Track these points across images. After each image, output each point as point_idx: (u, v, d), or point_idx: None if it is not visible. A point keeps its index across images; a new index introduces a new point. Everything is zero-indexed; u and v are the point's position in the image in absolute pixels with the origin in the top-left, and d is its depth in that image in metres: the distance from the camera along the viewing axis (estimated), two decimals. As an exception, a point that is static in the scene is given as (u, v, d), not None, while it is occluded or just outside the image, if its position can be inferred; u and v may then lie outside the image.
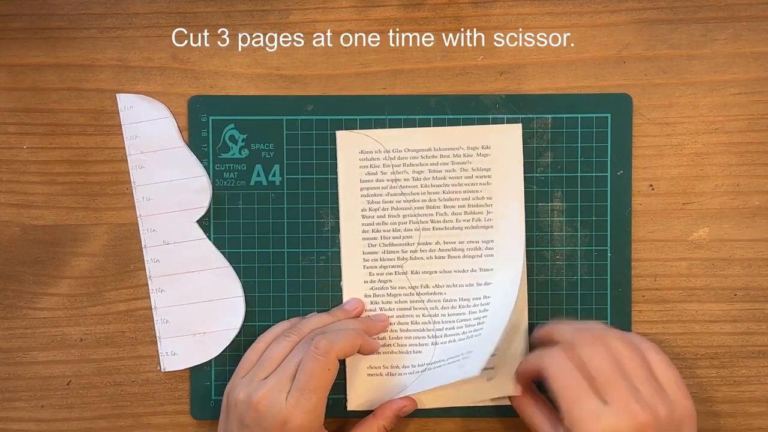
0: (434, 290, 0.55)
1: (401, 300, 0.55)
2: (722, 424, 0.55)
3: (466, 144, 0.54)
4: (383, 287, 0.55)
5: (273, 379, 0.48)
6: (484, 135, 0.54)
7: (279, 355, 0.49)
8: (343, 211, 0.55)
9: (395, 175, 0.54)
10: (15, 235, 0.55)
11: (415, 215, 0.54)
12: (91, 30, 0.55)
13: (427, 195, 0.54)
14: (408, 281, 0.55)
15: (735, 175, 0.54)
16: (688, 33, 0.54)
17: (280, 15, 0.55)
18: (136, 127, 0.55)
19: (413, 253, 0.54)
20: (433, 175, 0.54)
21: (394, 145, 0.54)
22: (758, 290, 0.54)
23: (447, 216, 0.54)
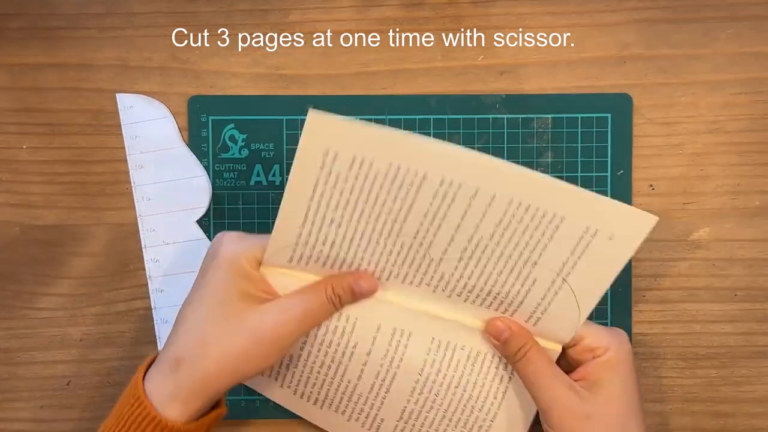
0: (473, 245, 0.47)
1: (464, 273, 0.48)
2: (723, 424, 0.55)
3: (317, 169, 0.44)
4: (441, 279, 0.49)
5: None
6: (312, 151, 0.44)
7: None
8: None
9: (324, 244, 0.47)
10: (14, 235, 0.55)
11: (378, 232, 0.47)
12: (91, 30, 0.55)
13: (360, 218, 0.46)
14: (452, 259, 0.48)
15: (735, 175, 0.54)
16: (689, 33, 0.54)
17: (280, 15, 0.55)
18: (136, 127, 0.55)
19: (420, 245, 0.47)
20: (343, 207, 0.46)
21: (291, 235, 0.46)
22: (759, 290, 0.54)
23: (392, 206, 0.46)
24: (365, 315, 0.48)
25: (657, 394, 0.55)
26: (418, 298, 0.49)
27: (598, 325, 0.48)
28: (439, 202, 0.45)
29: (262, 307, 0.45)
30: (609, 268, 0.46)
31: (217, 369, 0.44)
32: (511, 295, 0.48)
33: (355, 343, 0.49)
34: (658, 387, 0.55)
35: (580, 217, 0.45)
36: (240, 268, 0.45)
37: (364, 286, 0.47)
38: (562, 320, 0.48)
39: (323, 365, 0.49)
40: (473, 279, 0.48)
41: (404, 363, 0.49)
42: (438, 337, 0.49)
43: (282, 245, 0.46)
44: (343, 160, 0.44)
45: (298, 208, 0.45)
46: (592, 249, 0.46)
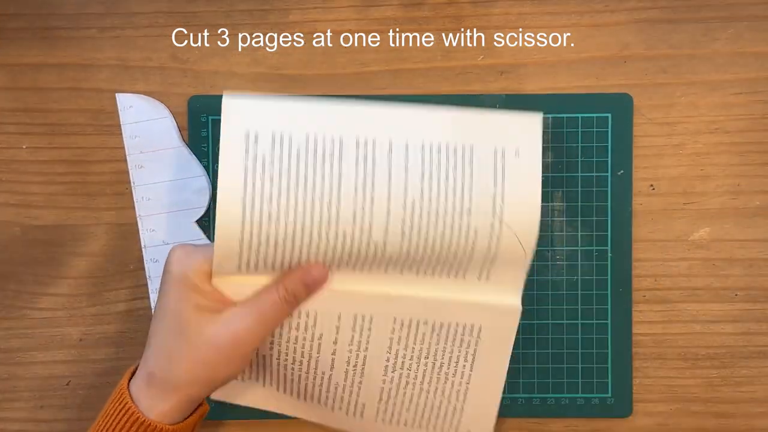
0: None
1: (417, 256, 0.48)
2: (723, 425, 0.55)
3: (241, 187, 0.45)
4: (400, 252, 0.48)
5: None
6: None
7: None
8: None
9: (265, 245, 0.46)
10: (14, 235, 0.55)
11: (317, 222, 0.46)
12: (91, 30, 0.55)
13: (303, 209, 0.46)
14: (400, 229, 0.48)
15: (736, 175, 0.54)
16: (689, 33, 0.54)
17: (279, 15, 0.55)
18: (136, 126, 0.55)
19: (363, 220, 0.47)
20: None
21: (233, 240, 0.46)
22: (759, 290, 0.54)
23: (327, 188, 0.46)
24: (323, 307, 0.48)
25: (657, 394, 0.55)
26: (372, 282, 0.49)
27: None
28: (363, 168, 0.45)
29: (217, 318, 0.46)
30: (531, 188, 0.47)
31: (186, 380, 0.45)
32: (459, 255, 0.48)
33: (320, 335, 0.49)
34: (658, 387, 0.55)
35: (485, 139, 0.46)
36: (189, 284, 0.46)
37: (315, 274, 0.47)
38: (511, 265, 0.48)
39: (295, 361, 0.50)
40: (420, 249, 0.48)
41: (371, 346, 0.49)
42: (399, 317, 0.49)
43: (226, 255, 0.46)
44: (265, 140, 0.44)
45: (234, 209, 0.45)
46: (509, 173, 0.47)
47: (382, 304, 0.49)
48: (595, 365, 0.55)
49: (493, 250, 0.48)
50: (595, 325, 0.54)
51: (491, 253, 0.48)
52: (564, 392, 0.55)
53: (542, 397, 0.55)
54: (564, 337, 0.55)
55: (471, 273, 0.49)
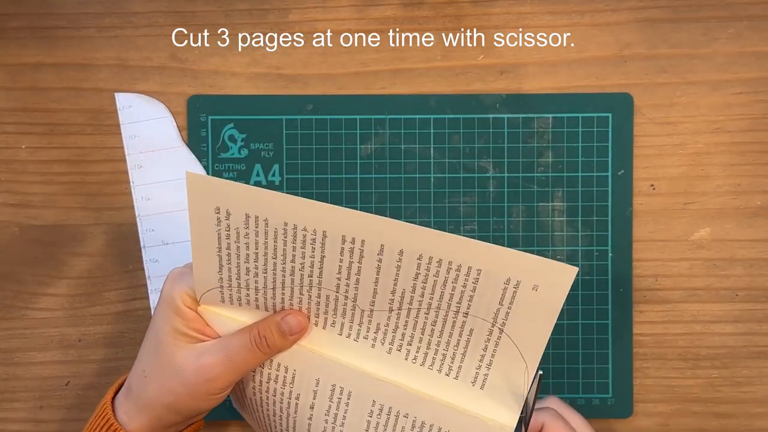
0: (394, 296, 0.45)
1: (402, 323, 0.46)
2: (724, 425, 0.55)
3: (213, 208, 0.43)
4: (385, 332, 0.47)
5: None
6: (205, 197, 0.43)
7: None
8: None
9: (246, 288, 0.46)
10: (14, 235, 0.55)
11: (299, 285, 0.45)
12: (90, 29, 0.55)
13: (275, 267, 0.45)
14: (382, 310, 0.46)
15: (736, 174, 0.54)
16: (689, 32, 0.54)
17: (279, 14, 0.55)
18: (135, 126, 0.54)
19: (346, 297, 0.46)
20: (261, 250, 0.44)
21: (211, 277, 0.45)
22: (760, 290, 0.54)
23: (305, 261, 0.44)
24: (303, 367, 0.47)
25: (658, 395, 0.55)
26: (358, 355, 0.47)
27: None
28: (349, 258, 0.43)
29: (190, 347, 0.45)
30: (543, 320, 0.44)
31: (154, 402, 0.45)
32: (452, 347, 0.46)
33: (297, 395, 0.47)
34: (658, 387, 0.55)
35: (497, 269, 0.43)
36: (174, 307, 0.46)
37: (292, 323, 0.46)
38: (509, 377, 0.46)
39: (275, 414, 0.48)
40: (409, 329, 0.46)
41: (348, 422, 0.47)
42: (379, 401, 0.47)
43: (208, 285, 0.45)
44: (237, 217, 0.43)
45: (210, 255, 0.44)
46: (521, 300, 0.44)
47: (362, 382, 0.46)
48: (596, 365, 0.55)
49: (489, 353, 0.45)
50: (596, 326, 0.54)
51: (487, 356, 0.46)
52: (564, 392, 0.55)
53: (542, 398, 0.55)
54: (564, 338, 0.55)
55: (465, 374, 0.46)
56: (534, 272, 0.43)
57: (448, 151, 0.54)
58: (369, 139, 0.54)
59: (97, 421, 0.46)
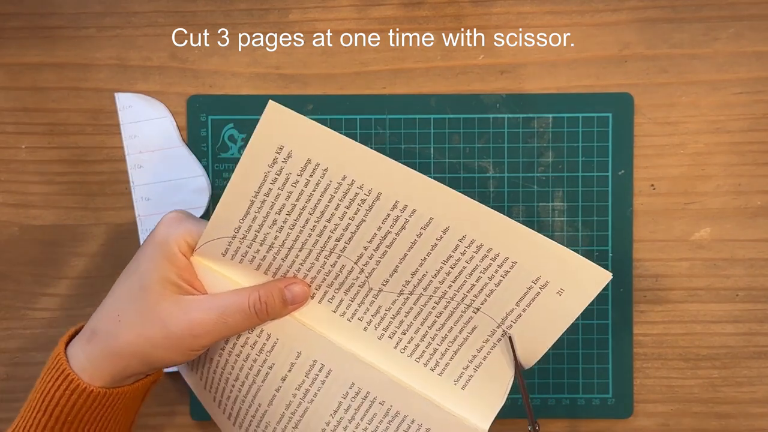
0: (417, 278, 0.45)
1: (406, 310, 0.46)
2: (724, 425, 0.55)
3: (265, 165, 0.43)
4: (382, 317, 0.47)
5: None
6: (264, 145, 0.42)
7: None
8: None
9: (264, 244, 0.44)
10: (13, 235, 0.55)
11: (320, 251, 0.45)
12: (90, 29, 0.55)
13: (305, 229, 0.44)
14: (391, 292, 0.46)
15: (737, 174, 0.54)
16: (690, 32, 0.54)
17: (279, 14, 0.55)
18: (135, 126, 0.54)
19: (361, 272, 0.46)
20: (284, 213, 0.44)
21: (231, 225, 0.44)
22: (760, 290, 0.54)
23: (340, 225, 0.44)
24: (287, 337, 0.46)
25: (658, 395, 0.55)
26: (347, 335, 0.46)
27: None
28: (389, 227, 0.43)
29: (178, 300, 0.43)
30: (553, 327, 0.45)
31: (125, 350, 0.43)
32: (446, 343, 0.46)
33: (271, 365, 0.46)
34: (659, 387, 0.55)
35: (534, 264, 0.43)
36: (168, 252, 0.43)
37: (296, 290, 0.45)
38: (492, 384, 0.46)
39: (237, 379, 0.47)
40: (409, 317, 0.46)
41: (318, 400, 0.47)
42: (358, 384, 0.46)
43: (218, 235, 0.44)
44: (297, 161, 0.42)
45: (241, 200, 0.43)
46: (540, 303, 0.44)
47: (346, 363, 0.46)
48: (596, 366, 0.54)
49: (482, 356, 0.46)
50: (596, 326, 0.54)
51: (479, 358, 0.46)
52: (564, 393, 0.55)
53: (543, 398, 0.55)
54: (564, 338, 0.54)
55: (450, 372, 0.47)
56: (567, 272, 0.43)
57: (448, 151, 0.54)
58: (369, 139, 0.54)
59: (51, 374, 0.44)
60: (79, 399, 0.43)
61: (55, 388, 0.43)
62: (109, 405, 0.44)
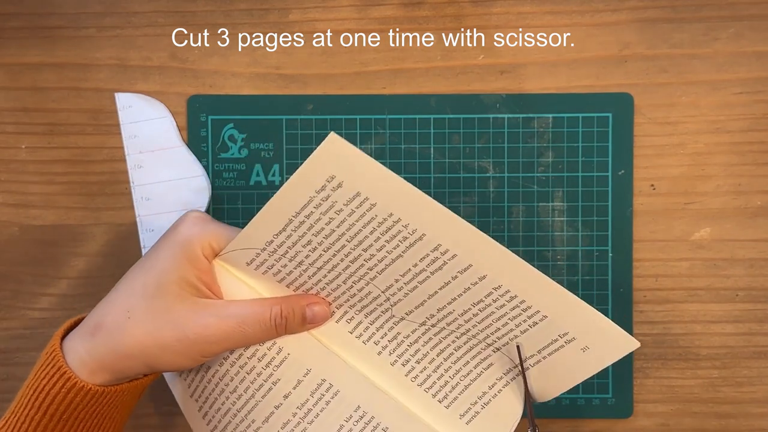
0: (442, 314, 0.45)
1: (425, 340, 0.46)
2: (724, 425, 0.55)
3: (312, 190, 0.42)
4: (398, 344, 0.47)
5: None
6: (315, 171, 0.42)
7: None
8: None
9: (295, 260, 0.44)
10: (13, 235, 0.55)
11: (350, 275, 0.45)
12: (90, 29, 0.55)
13: (338, 254, 0.44)
14: (413, 322, 0.46)
15: (737, 174, 0.54)
16: (690, 32, 0.54)
17: (279, 14, 0.55)
18: (135, 126, 0.54)
19: (387, 300, 0.46)
20: (321, 236, 0.43)
21: (263, 239, 0.44)
22: (760, 290, 0.54)
23: (374, 257, 0.44)
24: (299, 353, 0.45)
25: (658, 395, 0.55)
26: (360, 357, 0.46)
27: None
28: (425, 266, 0.43)
29: (195, 303, 0.42)
30: (570, 376, 0.45)
31: (131, 349, 0.42)
32: (458, 376, 0.46)
33: (276, 380, 0.45)
34: (659, 388, 0.55)
35: (563, 320, 0.44)
36: (191, 252, 0.42)
37: (317, 311, 0.44)
38: (498, 424, 0.46)
39: (235, 392, 0.46)
40: (426, 347, 0.46)
41: (319, 421, 0.46)
42: (364, 407, 0.46)
43: (249, 245, 0.43)
44: (345, 192, 0.42)
45: (279, 217, 0.43)
46: (562, 354, 0.45)
47: (356, 384, 0.46)
48: (596, 366, 0.54)
49: (492, 393, 0.46)
50: (596, 326, 0.54)
51: (488, 395, 0.46)
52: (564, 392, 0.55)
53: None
54: (564, 338, 0.54)
55: (458, 406, 0.47)
56: (595, 333, 0.44)
57: (448, 151, 0.54)
58: (369, 139, 0.54)
59: (46, 370, 0.42)
60: (76, 397, 0.42)
61: (50, 385, 0.42)
62: (107, 403, 0.43)
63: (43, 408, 0.42)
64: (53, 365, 0.42)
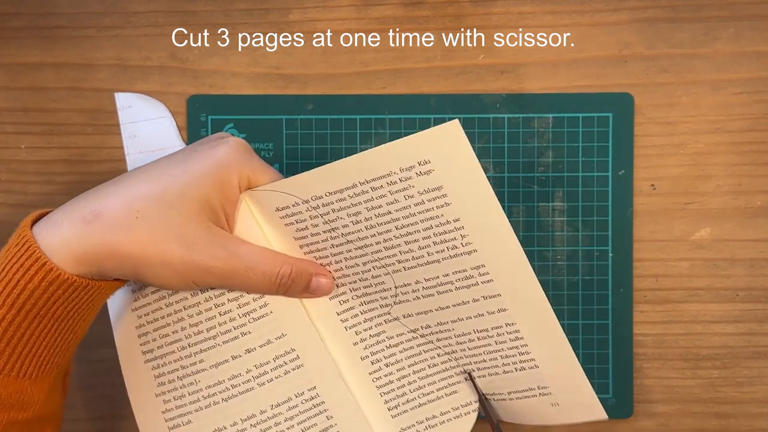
0: (439, 328, 0.45)
1: (406, 347, 0.47)
2: (724, 425, 0.55)
3: (398, 166, 0.40)
4: (378, 341, 0.47)
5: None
6: (415, 148, 0.40)
7: None
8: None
9: (329, 224, 0.42)
10: (13, 236, 0.55)
11: (375, 260, 0.44)
12: (90, 29, 0.55)
13: (378, 236, 0.43)
14: (404, 326, 0.46)
15: (737, 174, 0.54)
16: (690, 32, 0.54)
17: (279, 14, 0.55)
18: (135, 126, 0.54)
19: (395, 297, 0.45)
20: (373, 213, 0.42)
21: (311, 191, 0.42)
22: (760, 290, 0.54)
23: (414, 252, 0.43)
24: (281, 315, 0.44)
25: (658, 395, 0.55)
26: (335, 340, 0.45)
27: None
28: (455, 279, 0.43)
29: (209, 228, 0.40)
30: (524, 418, 0.46)
31: (130, 250, 0.38)
32: (417, 393, 0.46)
33: (246, 332, 0.44)
34: (659, 388, 0.55)
35: (551, 376, 0.45)
36: (226, 177, 0.40)
37: (322, 284, 0.43)
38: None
39: (196, 326, 0.44)
40: (402, 354, 0.46)
41: (268, 387, 0.45)
42: (318, 389, 0.45)
43: (294, 191, 0.42)
44: (428, 182, 0.40)
45: (346, 178, 0.41)
46: (529, 401, 0.45)
47: (321, 365, 0.45)
48: (596, 366, 0.54)
49: (440, 419, 0.46)
50: (596, 326, 0.54)
51: (437, 420, 0.46)
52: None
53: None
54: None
55: (403, 419, 0.47)
56: (573, 395, 0.45)
57: (448, 151, 0.54)
58: (369, 139, 0.54)
59: (18, 260, 0.37)
60: (57, 290, 0.38)
61: (27, 279, 0.37)
62: (86, 299, 0.39)
63: (18, 305, 0.37)
64: (28, 256, 0.37)
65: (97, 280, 0.39)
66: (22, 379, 0.39)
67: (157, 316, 0.46)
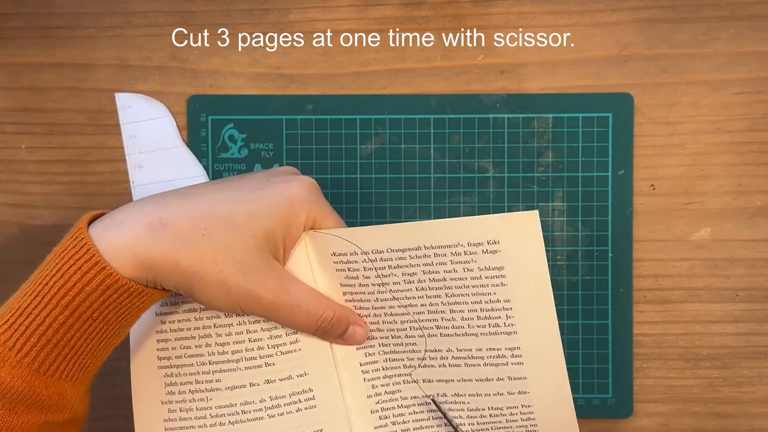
0: (454, 399, 0.46)
1: (416, 411, 0.47)
2: (724, 425, 0.55)
3: (467, 240, 0.42)
4: (392, 399, 0.47)
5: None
6: (488, 227, 0.42)
7: None
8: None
9: (381, 278, 0.43)
10: (14, 235, 0.55)
11: (415, 320, 0.45)
12: (90, 29, 0.55)
13: (426, 299, 0.44)
14: (421, 390, 0.46)
15: (737, 174, 0.54)
16: (690, 32, 0.54)
17: (279, 14, 0.55)
18: (135, 126, 0.54)
19: (421, 360, 0.46)
20: (429, 276, 0.43)
21: (373, 245, 0.43)
22: (760, 290, 0.54)
23: (456, 321, 0.44)
24: (309, 355, 0.45)
25: (658, 395, 0.55)
26: (352, 388, 0.46)
27: None
28: (486, 355, 0.44)
29: (268, 259, 0.41)
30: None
31: (190, 266, 0.39)
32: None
33: (271, 363, 0.45)
34: (659, 388, 0.55)
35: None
36: (295, 215, 0.41)
37: (357, 334, 0.45)
38: None
39: (222, 346, 0.45)
40: (410, 417, 0.46)
41: (277, 420, 0.46)
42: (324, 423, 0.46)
43: (357, 240, 0.43)
44: (492, 260, 0.42)
45: (413, 240, 0.42)
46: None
47: (334, 410, 0.46)
48: (596, 366, 0.54)
49: None
50: (596, 326, 0.54)
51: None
52: (564, 393, 0.55)
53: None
54: (564, 338, 0.54)
55: None
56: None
57: (448, 151, 0.54)
58: (369, 139, 0.54)
59: (74, 262, 0.38)
60: (113, 294, 0.38)
61: (85, 281, 0.37)
62: (136, 305, 0.40)
63: (72, 306, 0.38)
64: (87, 258, 0.38)
65: (150, 288, 0.40)
66: (64, 380, 0.39)
67: (182, 326, 0.46)
